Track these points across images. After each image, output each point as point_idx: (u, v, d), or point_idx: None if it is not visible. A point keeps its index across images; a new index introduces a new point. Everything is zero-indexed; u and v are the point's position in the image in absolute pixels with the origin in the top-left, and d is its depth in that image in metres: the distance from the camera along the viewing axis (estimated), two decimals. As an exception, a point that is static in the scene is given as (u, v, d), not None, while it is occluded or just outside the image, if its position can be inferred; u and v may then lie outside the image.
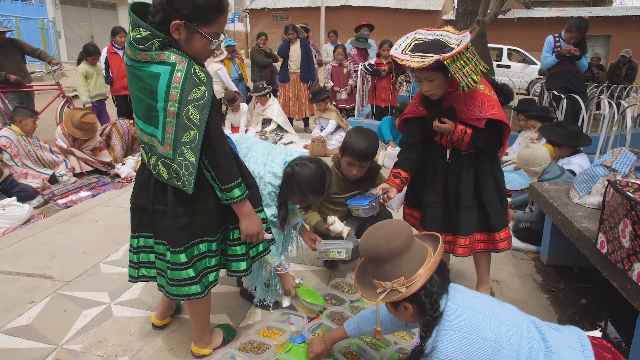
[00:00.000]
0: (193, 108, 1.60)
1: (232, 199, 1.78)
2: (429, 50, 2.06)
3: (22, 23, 14.49)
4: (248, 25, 28.36)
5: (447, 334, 1.41)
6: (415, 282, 1.45)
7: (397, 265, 1.47)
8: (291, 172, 2.23)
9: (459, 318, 1.43)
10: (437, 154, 2.39)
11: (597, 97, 6.16)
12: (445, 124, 2.20)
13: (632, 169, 2.69)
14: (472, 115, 2.17)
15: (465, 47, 1.97)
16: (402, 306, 1.52)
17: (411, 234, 1.52)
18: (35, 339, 2.24)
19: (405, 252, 1.48)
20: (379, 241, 1.49)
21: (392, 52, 2.19)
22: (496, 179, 2.39)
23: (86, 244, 3.32)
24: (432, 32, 2.24)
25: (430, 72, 2.09)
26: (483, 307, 1.48)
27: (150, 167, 1.74)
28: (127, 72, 1.71)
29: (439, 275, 1.51)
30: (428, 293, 1.46)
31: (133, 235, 1.94)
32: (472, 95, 2.17)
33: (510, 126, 2.25)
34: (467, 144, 2.22)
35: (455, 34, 2.17)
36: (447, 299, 1.49)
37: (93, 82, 6.12)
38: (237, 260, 1.99)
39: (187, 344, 2.18)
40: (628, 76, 10.79)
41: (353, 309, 2.42)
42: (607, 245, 2.07)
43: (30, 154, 4.59)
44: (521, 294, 2.75)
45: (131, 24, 1.59)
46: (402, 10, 24.53)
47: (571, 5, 24.86)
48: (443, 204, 2.40)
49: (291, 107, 7.44)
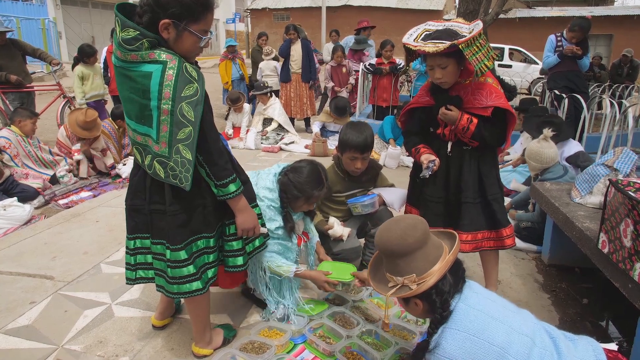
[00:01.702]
0: (187, 105, 1.60)
1: (228, 195, 1.79)
2: (441, 37, 2.12)
3: (23, 23, 14.52)
4: (249, 25, 28.38)
5: (452, 333, 1.40)
6: (426, 281, 1.44)
7: (410, 262, 1.47)
8: (286, 180, 2.27)
9: (467, 319, 1.41)
10: (439, 148, 2.39)
11: (599, 96, 6.15)
12: (452, 112, 2.21)
13: (633, 168, 2.68)
14: (479, 104, 2.19)
15: (478, 34, 2.02)
16: (413, 302, 1.52)
17: (427, 231, 1.51)
18: (36, 339, 2.24)
19: (419, 249, 1.47)
20: (394, 236, 1.49)
21: (404, 40, 2.23)
22: (497, 175, 2.40)
23: (87, 244, 3.32)
24: (442, 23, 2.29)
25: (443, 58, 2.12)
26: (496, 311, 1.45)
27: (145, 167, 1.74)
28: (115, 74, 1.71)
29: (453, 274, 1.49)
30: (439, 292, 1.45)
31: (129, 237, 1.93)
32: (480, 85, 2.21)
33: (516, 118, 2.26)
34: (472, 133, 2.22)
35: (466, 24, 2.22)
36: (459, 299, 1.47)
37: (90, 83, 6.11)
38: (234, 256, 2.00)
39: (187, 344, 2.18)
40: (630, 75, 10.76)
41: (355, 309, 2.41)
42: (608, 245, 2.06)
43: (31, 154, 4.59)
44: (522, 293, 2.75)
45: (119, 25, 1.59)
46: (403, 10, 24.54)
47: (573, 4, 24.82)
48: (444, 199, 2.40)
49: (293, 107, 7.43)
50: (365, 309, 2.42)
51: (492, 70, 2.16)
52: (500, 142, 2.33)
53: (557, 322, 2.47)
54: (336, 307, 2.40)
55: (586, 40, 5.44)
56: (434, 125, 2.39)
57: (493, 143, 2.30)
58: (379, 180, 2.88)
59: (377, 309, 2.43)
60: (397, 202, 2.70)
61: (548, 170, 3.39)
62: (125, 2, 1.68)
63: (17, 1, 17.07)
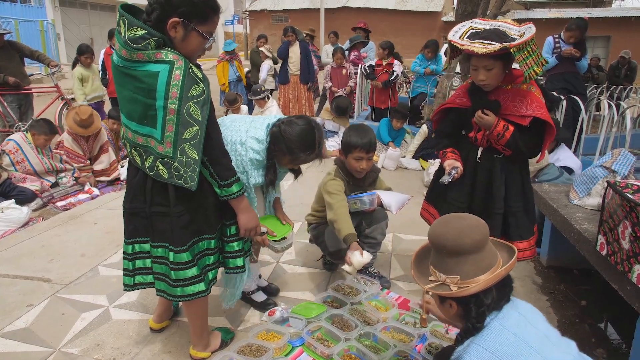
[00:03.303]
0: (194, 105, 1.62)
1: (231, 195, 1.80)
2: (490, 37, 2.03)
3: (21, 25, 14.50)
4: (248, 27, 28.40)
5: (478, 351, 1.32)
6: (469, 287, 1.37)
7: (460, 263, 1.40)
8: (278, 131, 2.09)
9: (498, 340, 1.32)
10: (468, 152, 2.33)
11: (597, 98, 6.15)
12: (489, 116, 2.14)
13: (631, 170, 2.68)
14: (518, 112, 2.10)
15: (530, 38, 1.94)
16: (448, 303, 1.46)
17: (486, 237, 1.43)
18: (32, 342, 2.23)
19: (472, 253, 1.39)
20: (451, 232, 1.42)
21: (450, 36, 2.14)
22: (524, 187, 2.31)
23: (85, 246, 3.31)
24: (489, 22, 2.20)
25: (490, 60, 2.04)
26: (534, 339, 1.33)
27: (145, 169, 1.73)
28: (114, 73, 1.71)
29: (498, 290, 1.41)
30: (478, 302, 1.38)
31: (127, 241, 1.91)
32: (522, 93, 2.12)
33: (556, 130, 2.15)
34: (507, 141, 2.14)
35: (515, 25, 2.13)
36: (496, 317, 1.37)
37: (89, 85, 6.11)
38: (234, 257, 2.01)
39: (185, 347, 2.17)
40: (627, 77, 10.80)
41: (353, 311, 2.41)
42: (607, 246, 2.06)
43: (44, 162, 4.51)
44: (521, 295, 2.74)
45: (125, 24, 1.60)
46: (401, 12, 24.58)
47: (571, 6, 24.89)
48: (466, 205, 2.34)
49: (291, 108, 7.43)
50: (364, 312, 2.41)
51: (535, 79, 2.07)
52: (535, 154, 2.24)
53: (555, 324, 2.46)
54: (334, 310, 2.40)
55: (584, 42, 5.45)
56: (468, 128, 2.32)
57: (526, 153, 2.20)
58: (378, 183, 2.88)
59: (375, 311, 2.43)
60: (394, 204, 2.70)
61: (543, 172, 3.39)
62: (129, 3, 1.70)
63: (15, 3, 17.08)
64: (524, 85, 2.13)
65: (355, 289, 2.59)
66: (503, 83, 2.16)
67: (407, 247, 3.37)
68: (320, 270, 2.99)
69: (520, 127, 2.12)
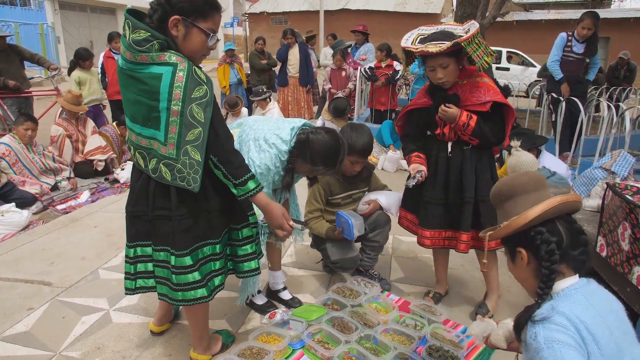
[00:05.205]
0: (197, 106, 1.63)
1: (248, 193, 1.78)
2: (440, 38, 2.17)
3: (21, 28, 14.52)
4: (247, 29, 28.43)
5: (567, 302, 1.22)
6: (519, 218, 1.30)
7: (516, 204, 1.35)
8: (305, 139, 2.12)
9: (580, 307, 1.21)
10: (438, 150, 2.39)
11: (596, 99, 6.16)
12: (451, 109, 2.23)
13: (631, 171, 2.69)
14: (477, 100, 2.22)
15: (476, 32, 2.09)
16: (519, 255, 1.35)
17: (541, 180, 1.39)
18: (33, 346, 2.23)
19: (530, 192, 1.35)
20: (505, 180, 1.43)
21: (403, 44, 2.28)
22: (493, 177, 2.39)
23: (85, 249, 3.31)
24: (435, 27, 2.34)
25: (445, 58, 2.16)
26: (615, 326, 1.22)
27: (149, 171, 1.73)
28: (119, 76, 1.71)
29: (568, 232, 1.30)
30: (545, 240, 1.27)
31: (129, 245, 1.92)
32: (477, 84, 2.26)
33: (515, 113, 2.30)
34: (473, 129, 2.23)
35: (459, 25, 2.30)
36: (574, 287, 1.26)
37: (87, 88, 6.11)
38: (249, 260, 2.01)
39: (186, 350, 2.17)
40: (627, 78, 10.79)
41: (354, 313, 2.41)
42: (606, 248, 2.06)
43: (35, 161, 4.54)
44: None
45: (130, 26, 1.61)
46: (401, 14, 24.59)
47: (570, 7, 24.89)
48: (444, 200, 2.39)
49: (290, 111, 7.45)
50: (364, 314, 2.41)
51: (488, 71, 2.18)
52: (501, 139, 2.33)
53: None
54: (335, 312, 2.40)
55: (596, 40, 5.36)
56: (432, 127, 2.39)
57: (493, 140, 2.30)
58: (372, 181, 2.89)
59: (375, 313, 2.43)
60: (394, 206, 2.70)
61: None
62: (134, 8, 1.70)
63: (15, 6, 17.10)
64: (478, 77, 2.27)
65: (356, 292, 2.59)
66: (459, 79, 2.29)
67: (407, 249, 3.37)
68: (321, 273, 3.00)
69: (482, 115, 2.23)
